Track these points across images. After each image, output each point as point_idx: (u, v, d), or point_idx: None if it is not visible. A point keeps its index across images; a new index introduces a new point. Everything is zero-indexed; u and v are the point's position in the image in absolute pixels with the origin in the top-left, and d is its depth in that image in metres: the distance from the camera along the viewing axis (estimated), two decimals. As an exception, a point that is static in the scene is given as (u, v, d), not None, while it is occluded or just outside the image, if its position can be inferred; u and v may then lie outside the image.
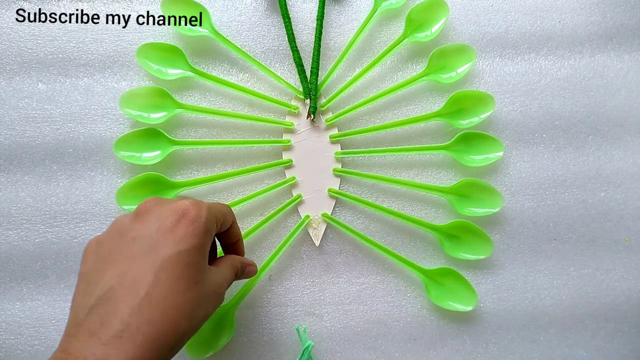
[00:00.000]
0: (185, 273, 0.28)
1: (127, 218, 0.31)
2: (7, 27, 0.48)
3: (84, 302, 0.27)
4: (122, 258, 0.28)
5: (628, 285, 0.47)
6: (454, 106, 0.47)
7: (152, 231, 0.29)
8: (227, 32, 0.50)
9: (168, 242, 0.28)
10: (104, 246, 0.30)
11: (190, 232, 0.29)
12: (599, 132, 0.50)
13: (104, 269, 0.29)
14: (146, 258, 0.28)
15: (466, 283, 0.45)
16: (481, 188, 0.46)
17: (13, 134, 0.47)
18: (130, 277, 0.27)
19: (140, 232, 0.29)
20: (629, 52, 0.51)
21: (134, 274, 0.27)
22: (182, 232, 0.29)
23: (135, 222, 0.30)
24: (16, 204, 0.46)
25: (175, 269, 0.28)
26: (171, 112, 0.46)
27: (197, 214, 0.30)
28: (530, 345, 0.45)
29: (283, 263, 0.46)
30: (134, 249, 0.28)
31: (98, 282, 0.28)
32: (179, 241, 0.29)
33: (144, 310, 0.26)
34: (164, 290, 0.27)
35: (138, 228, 0.29)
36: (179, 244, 0.28)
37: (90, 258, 0.30)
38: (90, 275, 0.29)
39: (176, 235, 0.29)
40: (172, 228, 0.29)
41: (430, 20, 0.49)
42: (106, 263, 0.29)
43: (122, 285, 0.27)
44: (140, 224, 0.30)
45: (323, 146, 0.48)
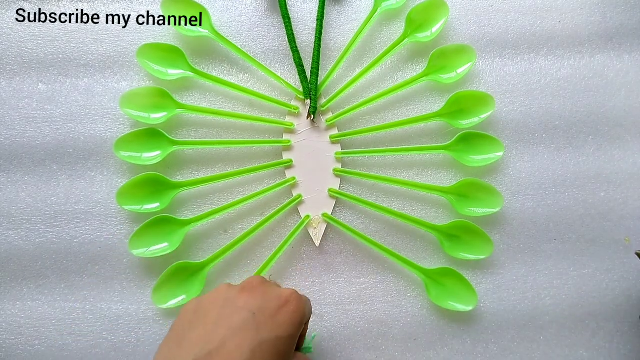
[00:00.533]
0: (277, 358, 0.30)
1: (234, 288, 0.32)
2: (7, 27, 0.49)
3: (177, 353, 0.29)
4: (224, 324, 0.30)
5: (628, 285, 0.47)
6: (454, 106, 0.47)
7: (256, 309, 0.30)
8: (227, 33, 0.50)
9: (269, 325, 0.30)
10: (204, 306, 0.31)
11: (290, 321, 0.31)
12: (599, 132, 0.50)
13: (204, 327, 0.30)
14: (247, 334, 0.29)
15: (466, 283, 0.45)
16: (481, 188, 0.46)
17: (13, 134, 0.47)
18: (228, 348, 0.28)
19: (245, 305, 0.31)
20: (629, 52, 0.51)
21: (233, 346, 0.28)
22: (283, 320, 0.31)
23: (241, 294, 0.32)
24: (16, 204, 0.46)
25: (270, 352, 0.29)
26: (171, 112, 0.46)
27: (298, 306, 0.32)
28: (530, 345, 0.45)
29: (283, 263, 0.46)
30: (236, 320, 0.30)
31: (194, 339, 0.29)
32: (278, 327, 0.30)
33: None
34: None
35: (245, 300, 0.31)
36: (278, 329, 0.30)
37: (188, 314, 0.32)
38: (187, 330, 0.30)
39: (277, 320, 0.30)
40: (275, 312, 0.31)
41: (430, 20, 0.49)
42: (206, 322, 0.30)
43: (220, 353, 0.28)
44: (247, 297, 0.31)
45: (323, 146, 0.48)
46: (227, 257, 0.45)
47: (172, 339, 0.31)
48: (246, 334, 0.29)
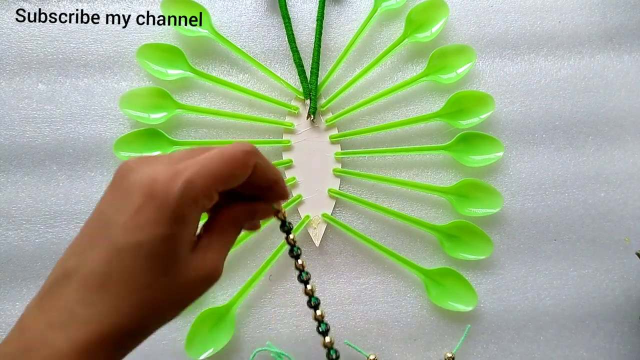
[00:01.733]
0: (146, 267, 0.23)
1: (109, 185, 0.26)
2: (7, 27, 0.48)
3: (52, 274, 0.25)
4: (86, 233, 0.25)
5: (628, 285, 0.47)
6: (454, 106, 0.47)
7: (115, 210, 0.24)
8: (227, 33, 0.50)
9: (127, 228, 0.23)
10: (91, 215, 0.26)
11: (153, 219, 0.23)
12: (599, 132, 0.50)
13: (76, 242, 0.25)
14: (103, 242, 0.24)
15: (466, 283, 0.45)
16: (481, 188, 0.46)
17: (13, 135, 0.47)
18: (85, 261, 0.23)
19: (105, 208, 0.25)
20: (629, 52, 0.51)
21: (88, 260, 0.23)
22: (143, 219, 0.23)
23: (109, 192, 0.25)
24: (16, 204, 0.46)
25: (132, 262, 0.23)
26: (171, 113, 0.46)
27: (166, 195, 0.23)
28: (530, 345, 0.45)
29: (283, 263, 0.46)
30: (96, 228, 0.24)
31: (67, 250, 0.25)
32: (139, 229, 0.23)
33: (93, 303, 0.23)
34: (117, 285, 0.23)
35: (107, 201, 0.25)
36: (138, 232, 0.23)
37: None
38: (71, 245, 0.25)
39: (137, 221, 0.23)
40: (135, 212, 0.23)
41: (430, 20, 0.49)
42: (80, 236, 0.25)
43: (77, 270, 0.23)
44: (110, 197, 0.25)
45: (323, 146, 0.48)
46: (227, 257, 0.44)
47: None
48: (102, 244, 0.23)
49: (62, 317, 0.23)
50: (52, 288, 0.24)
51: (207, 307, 0.43)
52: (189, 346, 0.41)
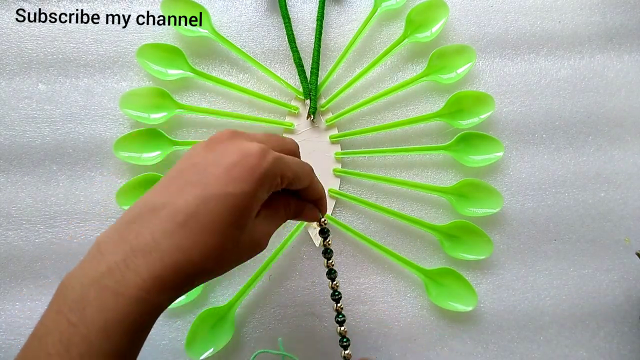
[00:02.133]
0: (227, 216, 0.27)
1: (202, 144, 0.30)
2: (7, 27, 0.48)
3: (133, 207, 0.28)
4: (177, 179, 0.28)
5: (628, 285, 0.47)
6: (454, 106, 0.47)
7: (210, 163, 0.28)
8: (227, 33, 0.50)
9: (220, 180, 0.28)
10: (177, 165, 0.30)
11: (244, 177, 0.28)
12: (599, 132, 0.50)
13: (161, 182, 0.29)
14: (195, 188, 0.27)
15: (466, 283, 0.45)
16: (481, 188, 0.46)
17: (13, 135, 0.47)
18: (175, 200, 0.27)
19: (200, 161, 0.29)
20: (629, 52, 0.51)
21: (179, 200, 0.27)
22: (236, 175, 0.28)
23: (203, 149, 0.30)
24: (16, 204, 0.46)
25: (218, 209, 0.27)
26: (171, 113, 0.46)
27: (258, 162, 0.28)
28: (530, 345, 0.45)
29: (283, 263, 0.46)
30: (189, 175, 0.28)
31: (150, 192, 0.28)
32: (229, 182, 0.27)
33: (176, 236, 0.26)
34: (201, 225, 0.27)
35: (201, 156, 0.29)
36: (229, 185, 0.27)
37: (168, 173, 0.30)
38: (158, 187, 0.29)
39: (229, 176, 0.28)
40: (229, 167, 0.28)
41: (430, 20, 0.49)
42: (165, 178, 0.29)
43: (166, 206, 0.27)
44: (204, 153, 0.29)
45: (323, 146, 0.48)
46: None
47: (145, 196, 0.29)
48: (194, 189, 0.27)
49: (145, 244, 0.26)
50: (134, 219, 0.27)
51: (207, 307, 0.43)
52: (189, 346, 0.41)
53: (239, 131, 0.31)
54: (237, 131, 0.31)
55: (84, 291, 0.25)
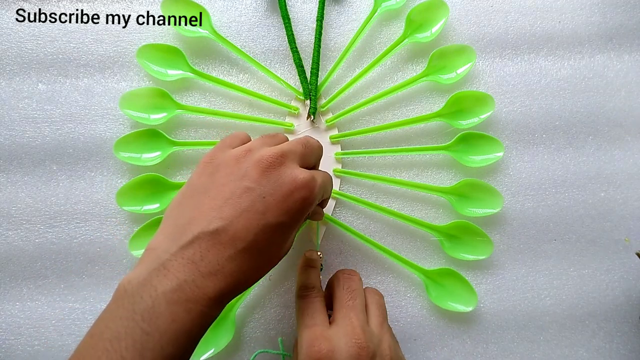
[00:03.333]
0: (278, 241, 0.31)
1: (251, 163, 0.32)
2: (7, 27, 0.48)
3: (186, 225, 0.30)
4: (232, 202, 0.30)
5: (628, 285, 0.47)
6: (454, 106, 0.47)
7: (267, 192, 0.30)
8: (227, 33, 0.50)
9: (277, 209, 0.30)
10: (219, 172, 0.32)
11: (297, 208, 0.31)
12: (599, 132, 0.50)
13: (211, 197, 0.31)
14: (253, 216, 0.30)
15: (466, 283, 0.45)
16: (481, 188, 0.46)
17: (13, 135, 0.47)
18: (234, 228, 0.29)
19: (256, 188, 0.31)
20: (629, 52, 0.51)
21: (238, 226, 0.29)
22: (291, 206, 0.31)
23: (256, 172, 0.31)
24: (16, 204, 0.46)
25: (273, 236, 0.30)
26: (171, 113, 0.46)
27: (311, 192, 0.31)
28: (530, 345, 0.45)
29: (283, 263, 0.46)
30: (245, 201, 0.30)
31: (203, 210, 0.30)
32: (286, 212, 0.31)
33: (238, 261, 0.29)
34: (258, 251, 0.30)
35: (256, 181, 0.31)
36: (286, 215, 0.31)
37: (203, 175, 0.33)
38: (198, 193, 0.32)
39: (286, 205, 0.31)
40: (285, 197, 0.31)
41: (430, 20, 0.49)
42: (215, 192, 0.31)
43: (226, 232, 0.29)
44: (260, 176, 0.31)
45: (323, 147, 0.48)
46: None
47: (185, 194, 0.32)
48: (253, 217, 0.30)
49: (212, 268, 0.29)
50: (195, 240, 0.29)
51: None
52: None
53: (285, 149, 0.33)
54: (283, 151, 0.32)
55: (155, 303, 0.27)
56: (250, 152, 0.33)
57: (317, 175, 0.33)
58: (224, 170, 0.32)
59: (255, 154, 0.32)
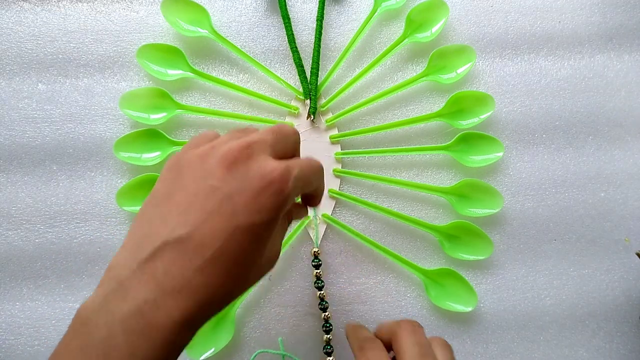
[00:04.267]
0: (253, 245, 0.27)
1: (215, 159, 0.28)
2: (7, 27, 0.48)
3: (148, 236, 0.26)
4: (197, 204, 0.27)
5: (628, 285, 0.47)
6: (454, 106, 0.47)
7: (235, 190, 0.27)
8: (227, 33, 0.50)
9: (247, 209, 0.26)
10: (183, 175, 0.28)
11: (269, 205, 0.27)
12: (599, 132, 0.50)
13: (175, 203, 0.27)
14: (221, 219, 0.26)
15: (466, 283, 0.45)
16: (481, 188, 0.46)
17: (13, 135, 0.47)
18: (200, 233, 0.26)
19: (222, 186, 0.27)
20: (629, 52, 0.51)
21: (205, 231, 0.26)
22: (263, 203, 0.27)
23: (221, 170, 0.27)
24: (16, 204, 0.46)
25: (244, 240, 0.26)
26: (171, 113, 0.46)
27: (284, 186, 0.27)
28: (530, 345, 0.45)
29: (283, 263, 0.46)
30: (211, 202, 0.26)
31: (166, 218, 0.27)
32: (257, 212, 0.26)
33: (205, 273, 0.25)
34: (229, 258, 0.26)
35: (223, 177, 0.27)
36: (257, 214, 0.26)
37: (166, 181, 0.29)
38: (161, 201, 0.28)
39: (257, 203, 0.26)
40: (255, 194, 0.27)
41: (430, 20, 0.49)
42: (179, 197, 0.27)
43: (191, 239, 0.26)
44: (226, 174, 0.27)
45: (323, 147, 0.48)
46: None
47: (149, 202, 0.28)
48: (220, 219, 0.26)
49: (175, 283, 0.25)
50: (157, 251, 0.25)
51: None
52: (189, 346, 0.41)
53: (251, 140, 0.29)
54: (250, 142, 0.28)
55: (110, 332, 0.24)
56: (215, 149, 0.28)
57: (293, 165, 0.28)
58: (187, 171, 0.28)
59: (220, 149, 0.28)
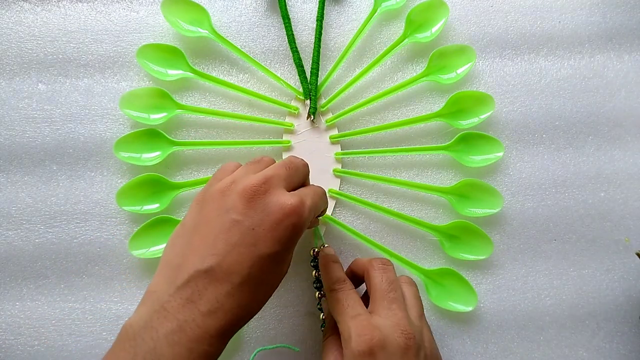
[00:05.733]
0: (275, 269, 0.31)
1: (236, 194, 0.31)
2: (7, 27, 0.48)
3: (181, 265, 0.30)
4: (222, 237, 0.30)
5: (628, 285, 0.47)
6: (454, 106, 0.47)
7: (256, 223, 0.30)
8: (227, 33, 0.50)
9: (268, 240, 0.30)
10: (207, 208, 0.32)
11: (290, 234, 0.31)
12: (599, 132, 0.50)
13: (203, 235, 0.31)
14: (245, 249, 0.30)
15: (466, 283, 0.45)
16: (481, 188, 0.46)
17: (13, 134, 0.47)
18: (227, 263, 0.29)
19: (244, 220, 0.30)
20: (629, 52, 0.51)
21: (232, 261, 0.30)
22: (283, 233, 0.30)
23: (242, 204, 0.31)
24: (16, 204, 0.46)
25: (268, 266, 0.30)
26: (171, 113, 0.46)
27: (300, 218, 0.31)
28: (530, 345, 0.45)
29: (283, 263, 0.46)
30: (234, 235, 0.30)
31: (196, 249, 0.30)
32: (277, 241, 0.30)
33: (236, 296, 0.29)
34: (255, 282, 0.30)
35: (243, 213, 0.30)
36: (277, 244, 0.30)
37: (193, 214, 0.33)
38: (189, 234, 0.32)
39: (276, 234, 0.30)
40: (274, 226, 0.30)
41: (430, 20, 0.49)
42: (205, 230, 0.31)
43: (220, 268, 0.29)
44: (246, 209, 0.31)
45: (323, 147, 0.48)
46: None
47: (178, 235, 0.32)
48: (244, 250, 0.30)
49: (211, 306, 0.29)
50: (191, 280, 0.29)
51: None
52: None
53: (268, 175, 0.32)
54: (266, 177, 0.32)
55: (156, 345, 0.28)
56: (235, 183, 0.32)
57: (306, 197, 0.32)
58: (211, 205, 0.32)
59: (239, 184, 0.32)
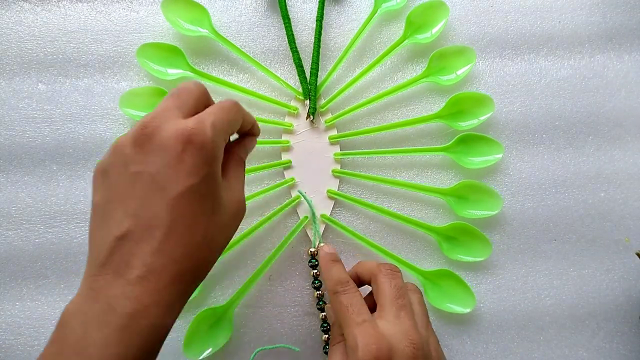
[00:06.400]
0: (201, 206, 0.27)
1: (128, 144, 0.27)
2: (7, 27, 0.49)
3: (101, 240, 0.26)
4: (129, 195, 0.26)
5: (628, 285, 0.47)
6: (453, 108, 0.47)
7: (157, 166, 0.26)
8: (227, 33, 0.50)
9: (176, 177, 0.26)
10: (109, 176, 0.28)
11: (199, 161, 0.26)
12: (599, 132, 0.50)
13: (115, 203, 0.27)
14: (155, 197, 0.26)
15: (464, 285, 0.45)
16: (480, 190, 0.46)
17: (13, 134, 0.47)
18: (144, 218, 0.26)
19: (143, 167, 0.26)
20: (629, 52, 0.51)
21: (147, 214, 0.26)
22: (190, 163, 0.26)
23: (136, 152, 0.27)
24: (16, 204, 0.46)
25: (190, 205, 0.26)
26: (171, 113, 0.46)
27: (204, 137, 0.27)
28: (530, 345, 0.45)
29: (283, 263, 0.46)
30: (139, 187, 0.26)
31: (111, 218, 0.27)
32: (187, 174, 0.26)
33: (165, 251, 0.25)
34: (182, 228, 0.26)
35: (140, 161, 0.27)
36: (189, 177, 0.26)
37: (99, 189, 0.28)
38: (102, 208, 0.27)
39: (184, 167, 0.26)
40: (178, 160, 0.26)
41: (430, 21, 0.49)
42: (115, 197, 0.27)
43: (138, 226, 0.26)
44: (142, 156, 0.27)
45: (322, 147, 0.48)
46: (226, 257, 0.45)
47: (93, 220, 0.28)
48: (155, 198, 0.26)
49: (139, 271, 0.25)
50: (114, 251, 0.26)
51: (205, 307, 0.43)
52: (187, 346, 0.41)
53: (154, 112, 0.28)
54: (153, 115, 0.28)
55: (86, 330, 0.24)
56: (125, 136, 0.28)
57: (206, 115, 0.28)
58: (111, 169, 0.28)
59: (129, 134, 0.28)
